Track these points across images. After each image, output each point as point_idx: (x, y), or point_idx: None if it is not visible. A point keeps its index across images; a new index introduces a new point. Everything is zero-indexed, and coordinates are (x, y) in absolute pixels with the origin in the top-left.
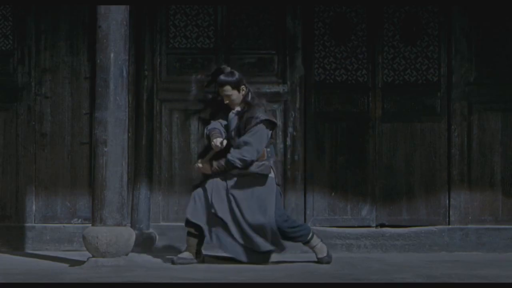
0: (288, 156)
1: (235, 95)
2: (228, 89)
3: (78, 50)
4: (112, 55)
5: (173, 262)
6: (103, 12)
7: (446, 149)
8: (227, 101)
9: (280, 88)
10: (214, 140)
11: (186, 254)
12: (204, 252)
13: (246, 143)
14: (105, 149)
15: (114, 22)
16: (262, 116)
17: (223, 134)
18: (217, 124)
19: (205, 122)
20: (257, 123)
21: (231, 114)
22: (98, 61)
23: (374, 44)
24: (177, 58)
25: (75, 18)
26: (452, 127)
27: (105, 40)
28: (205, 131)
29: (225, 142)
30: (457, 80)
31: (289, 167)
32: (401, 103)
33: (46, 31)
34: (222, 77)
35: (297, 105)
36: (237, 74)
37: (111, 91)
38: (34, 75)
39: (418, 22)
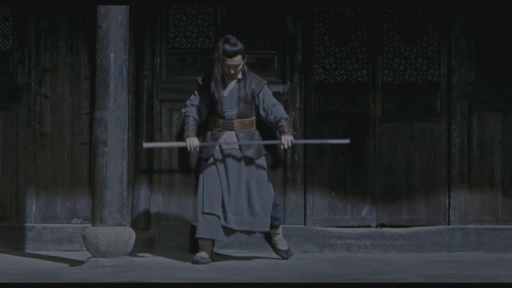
0: (288, 156)
1: (241, 64)
2: (239, 59)
3: (78, 50)
4: (112, 55)
5: (197, 262)
6: (103, 12)
7: (446, 149)
8: (233, 71)
9: (280, 88)
10: (189, 142)
11: (204, 254)
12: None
13: (277, 104)
14: (105, 149)
15: (114, 22)
16: (262, 80)
17: (197, 121)
18: (194, 108)
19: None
20: (265, 85)
21: (232, 84)
22: (98, 61)
23: (374, 44)
24: (177, 58)
25: (75, 18)
26: (452, 127)
27: (105, 40)
28: (184, 110)
29: (198, 145)
30: (457, 80)
31: (289, 167)
32: (401, 103)
33: (46, 31)
34: (231, 47)
35: (297, 105)
36: (239, 43)
37: (111, 91)
38: (34, 75)
39: (418, 22)
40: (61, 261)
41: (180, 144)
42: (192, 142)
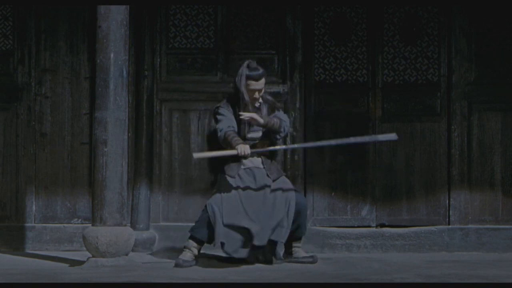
0: (288, 156)
1: (264, 87)
2: (263, 82)
3: (78, 50)
4: (112, 55)
5: (179, 265)
6: (103, 12)
7: (446, 149)
8: (257, 95)
9: (280, 88)
10: (241, 148)
11: (188, 256)
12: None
13: (284, 121)
14: (105, 149)
15: (114, 22)
16: (278, 104)
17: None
18: (231, 122)
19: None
20: (280, 108)
21: (254, 107)
22: (98, 61)
23: (374, 44)
24: (177, 58)
25: (75, 18)
26: (452, 127)
27: (105, 40)
28: (219, 132)
29: (249, 152)
30: (457, 80)
31: (289, 167)
32: (401, 103)
33: (46, 31)
34: (255, 72)
35: (297, 105)
36: (260, 67)
37: (111, 91)
38: (34, 75)
39: (418, 22)
40: (61, 261)
41: (231, 152)
42: (244, 148)
